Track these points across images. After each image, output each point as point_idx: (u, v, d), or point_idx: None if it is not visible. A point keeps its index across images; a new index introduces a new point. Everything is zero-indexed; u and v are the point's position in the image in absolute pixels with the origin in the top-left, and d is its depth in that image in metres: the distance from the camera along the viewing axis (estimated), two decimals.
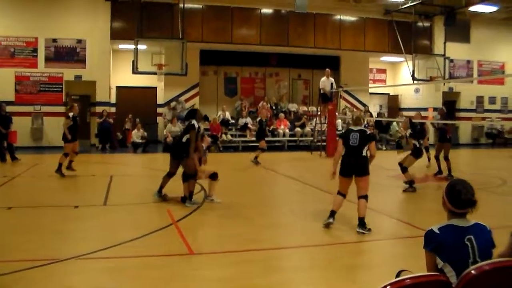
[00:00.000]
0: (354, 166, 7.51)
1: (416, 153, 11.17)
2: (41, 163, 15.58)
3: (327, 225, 7.52)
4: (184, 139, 9.15)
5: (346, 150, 7.55)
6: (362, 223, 7.30)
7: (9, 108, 16.91)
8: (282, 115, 22.84)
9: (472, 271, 2.88)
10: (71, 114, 13.14)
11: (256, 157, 15.49)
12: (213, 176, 9.54)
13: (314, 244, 6.78)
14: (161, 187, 9.52)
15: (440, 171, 13.24)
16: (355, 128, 7.67)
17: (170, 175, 9.52)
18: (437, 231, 3.19)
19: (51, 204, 9.21)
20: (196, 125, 9.16)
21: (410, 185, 11.05)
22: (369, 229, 7.22)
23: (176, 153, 9.37)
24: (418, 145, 11.13)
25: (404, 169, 11.04)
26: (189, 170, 9.13)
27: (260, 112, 16.13)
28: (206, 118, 22.19)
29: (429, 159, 14.73)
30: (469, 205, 3.21)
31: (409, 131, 11.62)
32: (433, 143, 16.16)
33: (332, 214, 7.62)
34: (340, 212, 7.75)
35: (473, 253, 3.08)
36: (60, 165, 12.66)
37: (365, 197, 7.50)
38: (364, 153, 7.49)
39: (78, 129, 13.44)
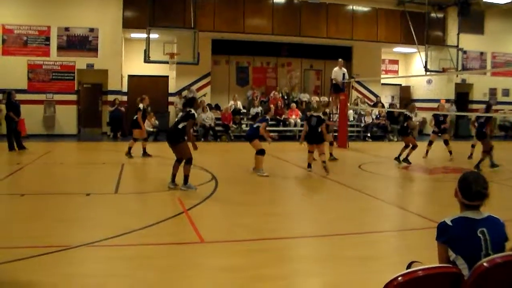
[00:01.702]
0: (313, 138, 11.83)
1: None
2: (53, 151, 15.69)
3: (309, 169, 11.88)
4: (180, 126, 9.34)
5: (309, 128, 11.92)
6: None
7: (21, 96, 17.03)
8: (293, 105, 22.81)
9: (485, 264, 2.86)
10: (141, 106, 14.32)
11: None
12: (261, 152, 11.32)
13: (324, 234, 6.76)
14: (173, 175, 9.57)
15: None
16: (315, 114, 12.07)
17: (179, 161, 9.59)
18: (449, 223, 3.17)
19: (63, 192, 9.27)
20: (196, 115, 9.58)
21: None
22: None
23: (172, 138, 9.49)
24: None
25: None
26: (185, 155, 9.29)
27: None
28: (217, 107, 22.41)
29: (427, 152, 15.12)
30: (480, 198, 3.19)
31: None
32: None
33: (309, 165, 12.01)
34: (354, 206, 7.66)
35: (486, 246, 3.06)
36: (129, 148, 14.07)
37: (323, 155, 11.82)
38: (319, 130, 11.79)
39: (146, 118, 15.11)
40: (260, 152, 11.46)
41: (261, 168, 11.43)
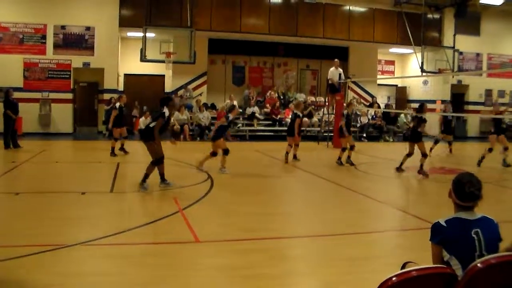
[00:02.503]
0: (289, 131, 13.93)
1: None
2: (49, 150, 15.66)
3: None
4: (151, 125, 9.31)
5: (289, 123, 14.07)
6: None
7: (17, 94, 16.96)
8: (291, 105, 22.77)
9: (478, 264, 2.87)
10: (117, 105, 14.28)
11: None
12: (226, 152, 11.24)
13: (319, 234, 6.78)
14: (161, 174, 9.54)
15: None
16: (294, 111, 14.06)
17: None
18: (444, 223, 3.18)
19: (58, 190, 9.25)
20: (167, 114, 9.37)
21: None
22: None
23: (143, 137, 9.47)
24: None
25: None
26: (154, 155, 9.25)
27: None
28: (213, 107, 22.40)
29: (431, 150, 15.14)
30: (472, 199, 3.21)
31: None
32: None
33: (287, 154, 13.67)
34: (349, 206, 7.66)
35: (480, 246, 3.07)
36: (112, 148, 14.03)
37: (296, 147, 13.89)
38: (295, 125, 13.65)
39: (123, 117, 14.74)
40: (226, 152, 11.45)
41: (224, 166, 11.49)
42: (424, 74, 23.08)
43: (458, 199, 3.23)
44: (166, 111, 9.34)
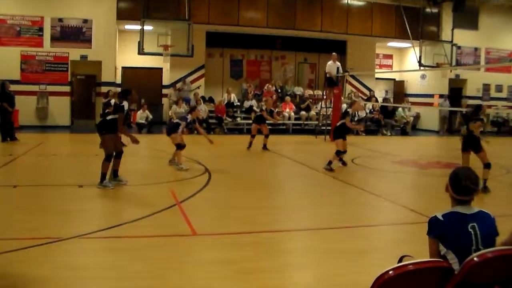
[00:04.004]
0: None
1: None
2: (46, 142, 15.63)
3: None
4: (108, 118, 9.05)
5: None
6: None
7: (14, 87, 16.91)
8: (288, 98, 22.79)
9: (475, 258, 2.89)
10: (113, 101, 13.72)
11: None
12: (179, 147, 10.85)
13: (317, 227, 6.79)
14: (114, 170, 9.26)
15: None
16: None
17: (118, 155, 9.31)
18: (441, 218, 3.19)
19: (56, 183, 9.25)
20: (126, 107, 8.94)
21: None
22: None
23: (98, 129, 9.14)
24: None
25: None
26: (106, 149, 8.96)
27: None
28: (211, 100, 22.38)
29: None
30: (469, 193, 3.21)
31: None
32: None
33: (250, 144, 14.48)
34: (346, 200, 7.68)
35: (476, 241, 3.08)
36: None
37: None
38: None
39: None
40: (178, 146, 11.01)
41: (180, 162, 11.00)
42: (422, 68, 23.08)
43: (455, 193, 3.24)
44: (125, 104, 8.96)
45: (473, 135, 9.37)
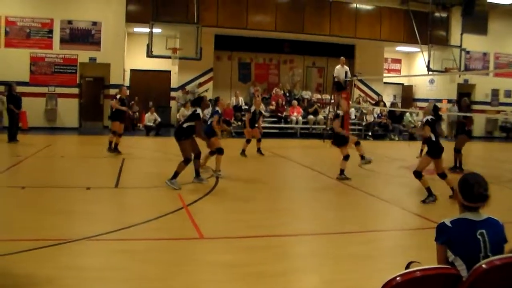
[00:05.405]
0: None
1: None
2: (54, 144, 15.71)
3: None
4: (185, 125, 9.47)
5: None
6: None
7: (23, 89, 17.03)
8: (295, 102, 22.78)
9: (483, 265, 2.86)
10: (118, 96, 13.95)
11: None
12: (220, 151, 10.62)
13: (323, 232, 6.78)
14: (196, 170, 9.83)
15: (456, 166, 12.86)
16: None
17: (197, 156, 9.78)
18: (449, 224, 3.17)
19: (63, 185, 9.27)
20: (201, 115, 9.44)
21: None
22: None
23: (176, 136, 9.54)
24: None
25: None
26: (183, 154, 9.29)
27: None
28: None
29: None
30: (481, 200, 3.19)
31: None
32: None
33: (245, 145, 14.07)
34: (353, 204, 7.65)
35: (485, 248, 3.06)
36: (110, 143, 13.58)
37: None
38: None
39: (124, 111, 14.17)
40: (219, 151, 10.72)
41: (219, 169, 10.69)
42: (430, 73, 23.03)
43: (466, 200, 3.21)
44: (198, 110, 9.43)
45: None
